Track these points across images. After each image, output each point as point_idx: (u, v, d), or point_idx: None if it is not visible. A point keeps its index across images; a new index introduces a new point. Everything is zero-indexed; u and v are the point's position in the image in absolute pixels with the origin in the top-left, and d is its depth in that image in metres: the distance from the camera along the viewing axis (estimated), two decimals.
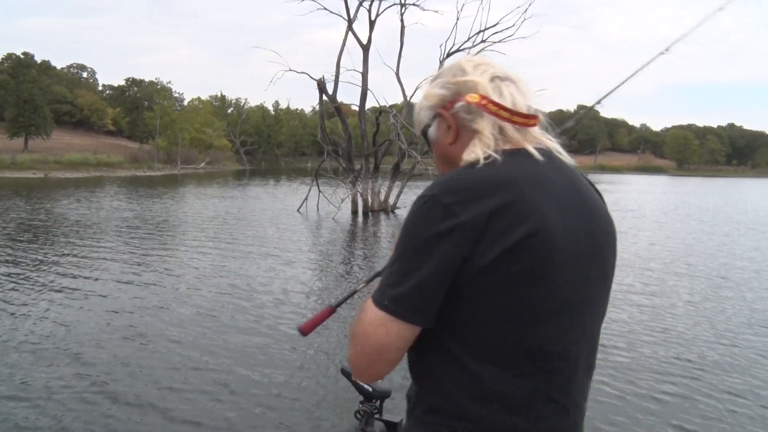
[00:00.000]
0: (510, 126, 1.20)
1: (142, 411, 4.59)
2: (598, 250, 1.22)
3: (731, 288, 9.89)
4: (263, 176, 51.57)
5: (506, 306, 1.11)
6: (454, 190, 1.11)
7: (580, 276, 1.17)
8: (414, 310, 1.11)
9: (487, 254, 1.07)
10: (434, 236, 1.09)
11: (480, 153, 1.16)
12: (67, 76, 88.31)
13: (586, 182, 1.29)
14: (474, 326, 1.13)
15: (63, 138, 64.78)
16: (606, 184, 55.76)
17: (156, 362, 5.63)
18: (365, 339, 1.15)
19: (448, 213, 1.08)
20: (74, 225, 15.63)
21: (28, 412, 4.50)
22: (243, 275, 9.69)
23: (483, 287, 1.10)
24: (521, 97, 1.23)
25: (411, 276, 1.10)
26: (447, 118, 1.25)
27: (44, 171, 45.13)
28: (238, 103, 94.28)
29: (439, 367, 1.17)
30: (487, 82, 1.21)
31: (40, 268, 9.89)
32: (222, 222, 17.39)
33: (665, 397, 5.10)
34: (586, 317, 1.21)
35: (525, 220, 1.08)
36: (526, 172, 1.15)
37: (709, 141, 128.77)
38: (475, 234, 1.07)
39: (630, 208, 27.47)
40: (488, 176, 1.12)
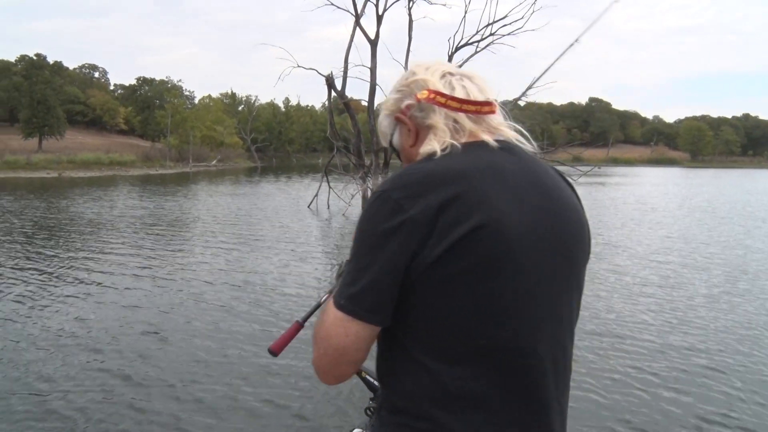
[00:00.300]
0: (464, 116, 1.19)
1: (160, 404, 4.65)
2: (563, 245, 1.17)
3: (750, 280, 9.82)
4: (275, 173, 51.70)
5: (458, 302, 1.08)
6: (404, 185, 1.09)
7: (540, 271, 1.13)
8: (368, 310, 1.09)
9: (436, 249, 1.05)
10: (384, 232, 1.07)
11: (436, 146, 1.15)
12: (80, 76, 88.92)
13: (552, 173, 1.24)
14: (428, 324, 1.10)
15: (76, 138, 65.27)
16: (619, 177, 55.38)
17: (173, 356, 5.71)
18: (327, 341, 1.13)
19: (397, 208, 1.06)
20: (89, 223, 15.79)
21: (47, 406, 4.57)
22: (256, 271, 9.75)
23: (434, 283, 1.07)
24: (476, 89, 1.21)
25: (363, 274, 1.09)
26: (405, 121, 1.24)
27: (58, 171, 45.51)
28: (248, 101, 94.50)
29: (400, 366, 1.15)
30: (437, 79, 1.20)
31: (57, 265, 10.01)
32: (234, 219, 17.48)
33: (684, 393, 5.08)
34: (553, 314, 1.17)
35: (473, 213, 1.05)
36: (479, 164, 1.12)
37: (724, 132, 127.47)
38: (424, 228, 1.05)
39: (643, 201, 27.29)
40: (439, 169, 1.10)
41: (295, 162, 78.79)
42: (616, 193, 33.21)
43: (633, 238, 14.84)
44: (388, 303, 1.10)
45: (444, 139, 1.16)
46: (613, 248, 13.00)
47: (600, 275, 9.87)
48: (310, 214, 18.73)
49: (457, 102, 1.18)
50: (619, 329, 6.74)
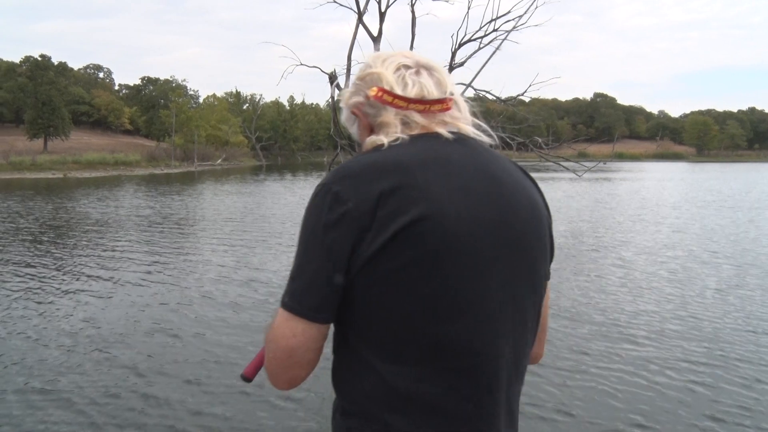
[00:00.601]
0: (416, 114, 1.16)
1: (168, 404, 4.69)
2: (514, 237, 1.11)
3: (759, 275, 9.80)
4: (280, 171, 51.78)
5: (400, 299, 1.03)
6: (343, 176, 1.06)
7: (488, 265, 1.07)
8: (311, 307, 1.05)
9: (374, 242, 1.01)
10: (323, 226, 1.04)
11: (383, 138, 1.13)
12: (84, 76, 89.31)
13: (507, 166, 1.19)
14: (373, 322, 1.06)
15: (81, 138, 65.55)
16: (624, 173, 55.28)
17: (181, 356, 5.75)
18: (275, 342, 1.09)
19: (336, 200, 1.04)
20: (95, 223, 15.84)
21: (57, 404, 4.63)
22: (262, 270, 9.78)
23: (374, 279, 1.03)
24: (433, 83, 1.18)
25: (305, 270, 1.06)
26: (360, 116, 1.23)
27: (63, 171, 45.68)
28: (253, 99, 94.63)
29: (350, 367, 1.11)
30: (390, 73, 1.17)
31: (65, 265, 10.08)
32: (240, 218, 17.53)
33: (695, 387, 5.08)
34: (505, 310, 1.10)
35: (413, 205, 1.01)
36: (423, 156, 1.09)
37: (730, 126, 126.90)
38: (363, 221, 1.01)
39: (650, 196, 27.19)
40: (381, 160, 1.07)
41: (300, 160, 78.84)
42: (622, 188, 33.09)
43: (640, 232, 14.79)
44: (331, 300, 1.06)
45: (394, 132, 1.14)
46: (620, 243, 12.96)
47: (607, 270, 9.84)
48: None
49: (404, 101, 1.15)
50: (626, 322, 6.74)
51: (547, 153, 14.84)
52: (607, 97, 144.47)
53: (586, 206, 21.77)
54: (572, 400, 4.80)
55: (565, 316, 7.10)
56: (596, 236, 14.07)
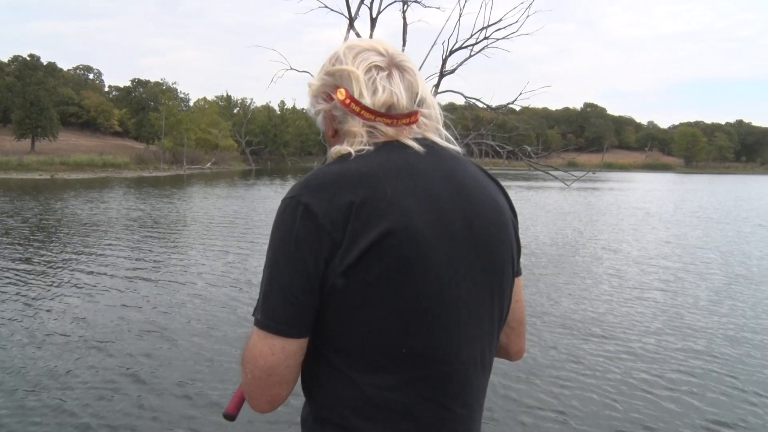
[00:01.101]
0: (382, 125, 1.13)
1: (157, 407, 4.71)
2: (484, 246, 1.12)
3: (748, 285, 9.90)
4: (269, 176, 51.70)
5: (374, 312, 1.03)
6: (312, 189, 1.05)
7: (456, 273, 1.08)
8: (286, 323, 1.04)
9: (347, 258, 1.01)
10: (295, 241, 1.02)
11: (347, 148, 1.11)
12: (74, 77, 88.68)
13: (474, 172, 1.18)
14: (347, 334, 1.06)
15: (69, 139, 65.05)
16: (613, 183, 55.55)
17: (170, 359, 5.80)
18: (252, 362, 1.06)
19: (306, 214, 1.02)
20: (83, 225, 15.66)
21: (46, 406, 4.64)
22: (248, 273, 9.65)
23: (347, 292, 1.02)
24: (403, 88, 1.14)
25: (277, 286, 1.04)
26: (326, 115, 1.19)
27: (50, 172, 45.25)
28: (244, 103, 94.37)
29: (323, 376, 1.10)
30: (361, 74, 1.13)
31: (51, 267, 10.02)
32: (228, 222, 17.43)
33: (690, 390, 5.18)
34: (472, 317, 1.11)
35: (382, 218, 1.01)
36: (390, 166, 1.08)
37: (718, 138, 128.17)
38: (335, 236, 1.01)
39: (639, 207, 27.29)
40: (347, 172, 1.06)
41: (290, 165, 78.71)
42: (611, 198, 33.22)
43: (631, 242, 14.79)
44: (306, 314, 1.04)
45: (360, 141, 1.12)
46: (612, 252, 12.96)
47: (601, 278, 9.82)
48: None
49: (371, 113, 1.12)
50: (619, 330, 6.71)
51: (536, 162, 14.89)
52: (597, 107, 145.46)
53: (575, 215, 21.80)
54: (567, 406, 4.82)
55: (558, 323, 7.13)
56: (585, 245, 14.06)
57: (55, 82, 63.87)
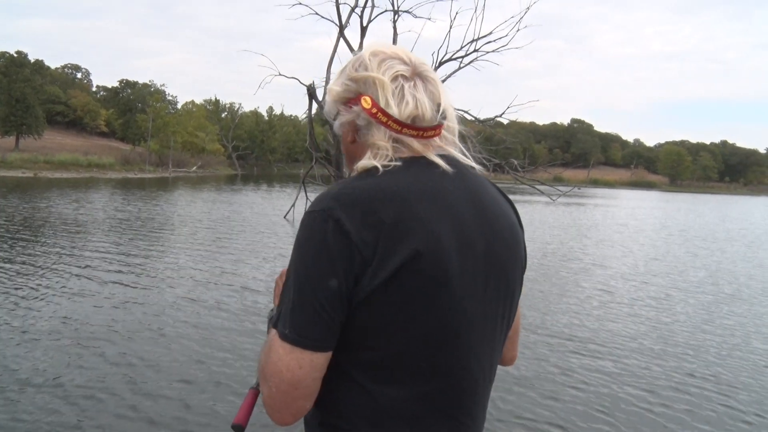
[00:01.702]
0: (408, 138, 1.12)
1: (149, 402, 4.73)
2: (500, 265, 1.15)
3: (738, 302, 9.99)
4: (255, 181, 51.42)
5: (397, 329, 1.05)
6: (343, 205, 1.03)
7: (476, 293, 1.11)
8: (317, 338, 1.04)
9: (376, 278, 1.01)
10: (326, 256, 1.02)
11: (374, 163, 1.10)
12: (62, 76, 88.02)
13: (492, 191, 1.20)
14: (366, 348, 1.07)
15: (55, 138, 64.40)
16: (598, 199, 55.89)
17: (158, 357, 5.80)
18: (278, 377, 1.05)
19: (338, 230, 1.01)
20: (66, 225, 15.38)
21: (33, 404, 4.60)
22: (224, 283, 9.51)
23: (373, 309, 1.04)
24: (427, 100, 1.13)
25: (307, 300, 1.03)
26: (347, 123, 1.17)
27: (34, 171, 44.72)
28: (232, 108, 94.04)
29: (336, 384, 1.10)
30: (388, 83, 1.11)
31: (35, 265, 9.91)
32: (206, 227, 17.21)
33: (675, 409, 5.13)
34: (487, 334, 1.15)
35: (412, 239, 1.02)
36: (419, 186, 1.08)
37: (702, 157, 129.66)
38: (365, 254, 1.01)
39: (625, 223, 27.42)
40: (378, 189, 1.05)
41: (276, 171, 78.45)
42: (597, 214, 33.38)
43: (618, 258, 14.81)
44: (335, 328, 1.05)
45: (384, 157, 1.11)
46: (599, 268, 12.96)
47: (588, 292, 9.80)
48: (287, 226, 18.47)
49: (398, 125, 1.11)
50: (608, 344, 6.67)
51: (522, 176, 14.81)
52: (584, 123, 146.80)
53: (561, 229, 21.84)
54: (557, 418, 4.82)
55: (546, 335, 7.14)
56: (571, 259, 14.05)
57: (42, 80, 63.06)
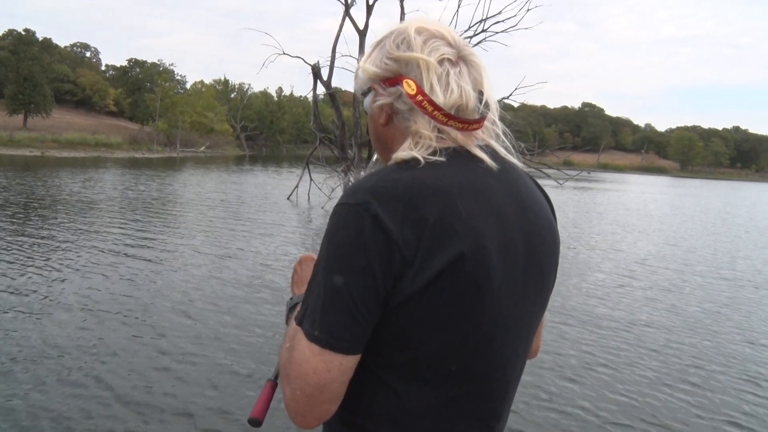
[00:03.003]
0: (451, 129, 1.05)
1: (159, 383, 4.70)
2: (538, 266, 1.10)
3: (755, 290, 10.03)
4: (263, 162, 51.29)
5: (434, 332, 0.99)
6: (381, 200, 0.95)
7: (516, 296, 1.06)
8: (350, 340, 0.97)
9: (418, 278, 0.95)
10: (363, 254, 0.94)
11: (416, 154, 1.02)
12: (71, 54, 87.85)
13: (531, 187, 1.15)
14: (398, 350, 1.02)
15: (63, 117, 64.45)
16: (608, 183, 55.44)
17: (141, 349, 5.61)
18: (304, 379, 0.97)
19: (376, 227, 0.94)
20: (60, 204, 15.33)
21: (36, 387, 4.52)
22: (221, 267, 9.40)
23: (410, 312, 0.98)
24: (470, 86, 1.06)
25: (340, 300, 0.96)
26: (378, 96, 1.09)
27: (41, 150, 44.78)
28: (241, 88, 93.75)
29: (361, 383, 1.04)
30: (434, 65, 1.03)
31: (44, 241, 9.90)
32: (208, 208, 17.09)
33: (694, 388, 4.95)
34: (522, 336, 1.12)
35: (456, 239, 0.95)
36: (462, 181, 1.01)
37: (714, 143, 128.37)
38: (406, 254, 0.94)
39: (637, 209, 27.14)
40: (420, 183, 0.98)
41: (285, 152, 78.35)
42: (608, 198, 33.06)
43: (634, 243, 14.62)
44: (368, 330, 0.98)
45: (425, 147, 1.03)
46: (614, 252, 12.77)
47: (603, 282, 9.63)
48: (289, 207, 18.34)
49: (444, 116, 1.03)
50: (625, 324, 6.52)
51: (530, 159, 14.36)
52: (596, 107, 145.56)
53: (574, 213, 21.61)
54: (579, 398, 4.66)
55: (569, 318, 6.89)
56: (583, 243, 13.86)
57: (51, 58, 62.90)
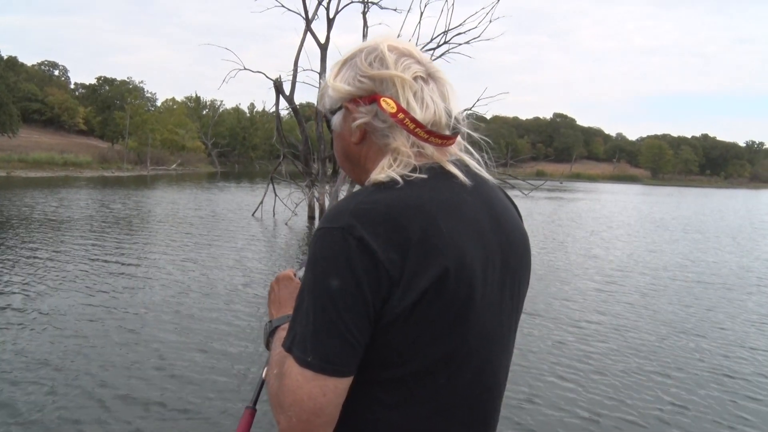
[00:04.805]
0: (429, 145, 1.05)
1: (129, 405, 4.67)
2: (514, 277, 1.12)
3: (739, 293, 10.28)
4: (236, 179, 50.91)
5: (421, 347, 1.00)
6: (364, 222, 0.95)
7: (496, 307, 1.08)
8: (342, 363, 0.96)
9: (406, 297, 0.96)
10: (351, 277, 0.94)
11: (394, 174, 1.01)
12: (38, 73, 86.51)
13: (503, 200, 1.17)
14: (387, 367, 1.02)
15: (31, 136, 63.35)
16: (581, 193, 55.96)
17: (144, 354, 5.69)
18: (299, 406, 0.96)
19: (362, 249, 0.94)
20: (28, 223, 14.94)
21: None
22: (185, 289, 9.19)
23: (400, 331, 0.98)
24: (442, 102, 1.07)
25: (331, 325, 0.95)
26: (355, 115, 1.08)
27: (7, 170, 43.93)
28: (213, 105, 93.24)
29: (350, 401, 1.02)
30: (410, 84, 1.04)
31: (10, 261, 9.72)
32: (172, 225, 16.82)
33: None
34: (504, 345, 1.14)
35: (440, 256, 0.97)
36: (441, 198, 1.02)
37: (684, 151, 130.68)
38: (393, 274, 0.94)
39: (613, 217, 27.34)
40: (401, 204, 0.98)
41: (258, 168, 77.72)
42: (581, 207, 33.31)
43: (611, 250, 14.66)
44: (360, 352, 0.98)
45: (405, 165, 1.03)
46: (592, 259, 12.77)
47: (583, 282, 9.58)
48: (254, 223, 18.14)
49: (425, 133, 1.04)
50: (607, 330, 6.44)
51: (501, 172, 14.34)
52: (567, 118, 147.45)
53: (546, 224, 21.69)
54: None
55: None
56: (557, 251, 13.85)
57: (17, 77, 62.00)
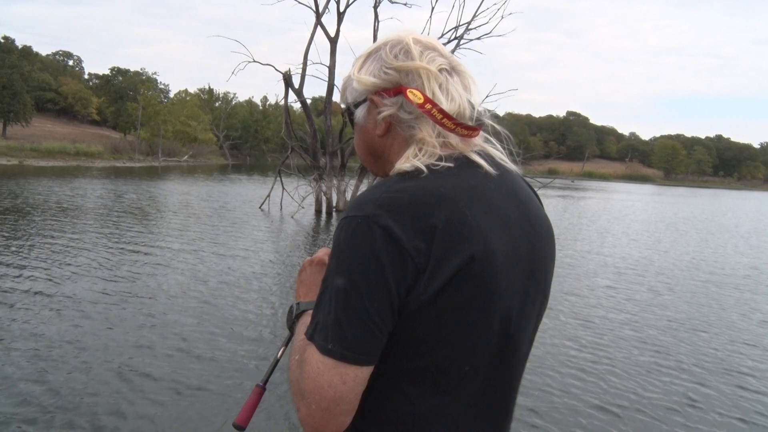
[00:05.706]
0: (454, 136, 1.06)
1: (143, 395, 4.70)
2: (540, 265, 1.13)
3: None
4: (247, 171, 50.95)
5: (446, 336, 1.00)
6: (390, 211, 0.96)
7: (521, 296, 1.08)
8: (365, 352, 0.97)
9: (431, 284, 0.96)
10: (376, 266, 0.94)
11: (419, 164, 1.03)
12: (53, 63, 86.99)
13: (528, 191, 1.17)
14: (410, 356, 1.02)
15: (45, 126, 63.75)
16: (593, 192, 55.63)
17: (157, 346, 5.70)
18: (319, 393, 0.97)
19: (387, 238, 0.94)
20: (39, 211, 15.02)
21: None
22: (194, 277, 9.18)
23: (425, 319, 0.99)
24: (466, 94, 1.09)
25: (354, 312, 0.96)
26: (381, 108, 1.09)
27: (19, 159, 44.18)
28: (226, 97, 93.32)
29: (372, 392, 1.03)
30: (435, 76, 1.05)
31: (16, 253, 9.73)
32: (185, 216, 16.88)
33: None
34: (527, 334, 1.14)
35: (464, 244, 0.97)
36: (465, 186, 1.02)
37: (697, 152, 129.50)
38: (418, 262, 0.95)
39: (630, 216, 27.16)
40: (426, 192, 0.99)
41: (269, 161, 77.87)
42: (596, 206, 33.11)
43: (631, 250, 14.55)
44: (383, 340, 0.99)
45: (431, 155, 1.04)
46: (598, 255, 12.69)
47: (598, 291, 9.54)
48: (261, 216, 18.11)
49: (452, 123, 1.05)
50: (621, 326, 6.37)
51: (516, 160, 14.74)
52: (580, 116, 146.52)
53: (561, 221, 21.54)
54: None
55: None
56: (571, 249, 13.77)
57: (31, 66, 62.24)
